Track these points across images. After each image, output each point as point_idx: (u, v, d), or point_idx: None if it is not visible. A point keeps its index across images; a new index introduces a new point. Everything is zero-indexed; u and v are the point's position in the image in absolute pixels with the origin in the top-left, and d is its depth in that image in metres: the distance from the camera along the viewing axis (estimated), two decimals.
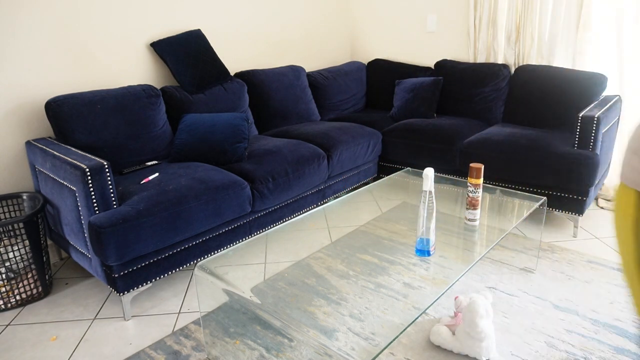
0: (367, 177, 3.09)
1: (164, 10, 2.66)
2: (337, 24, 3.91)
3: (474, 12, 3.20)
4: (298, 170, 2.41)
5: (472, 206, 1.79)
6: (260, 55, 3.31)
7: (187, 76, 2.62)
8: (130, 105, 2.30)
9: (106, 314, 1.92)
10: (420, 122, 3.00)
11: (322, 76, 3.46)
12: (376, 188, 2.24)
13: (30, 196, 2.12)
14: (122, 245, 1.73)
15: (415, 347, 1.62)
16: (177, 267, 1.99)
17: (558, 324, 1.74)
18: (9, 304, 1.95)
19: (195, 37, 2.71)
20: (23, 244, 1.94)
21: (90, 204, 1.75)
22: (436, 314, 1.81)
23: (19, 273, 1.95)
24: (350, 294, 1.45)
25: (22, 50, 2.14)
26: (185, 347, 1.68)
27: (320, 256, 1.68)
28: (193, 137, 2.37)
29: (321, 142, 2.71)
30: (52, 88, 2.27)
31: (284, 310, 1.38)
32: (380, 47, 3.88)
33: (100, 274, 1.86)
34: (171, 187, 1.95)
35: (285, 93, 3.11)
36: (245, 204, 2.15)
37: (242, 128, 2.43)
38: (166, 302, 1.99)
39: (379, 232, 1.84)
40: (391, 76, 3.59)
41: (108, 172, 1.78)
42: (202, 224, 1.98)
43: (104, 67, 2.46)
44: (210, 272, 1.49)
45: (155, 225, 1.81)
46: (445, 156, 2.78)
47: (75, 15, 2.29)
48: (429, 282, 1.48)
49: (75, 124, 2.12)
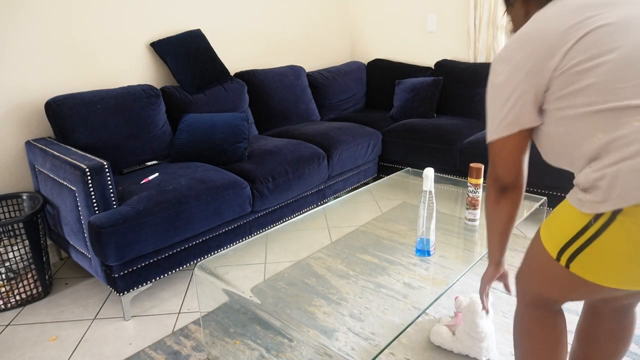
0: (367, 177, 3.09)
1: (164, 10, 2.66)
2: (337, 24, 3.91)
3: (474, 12, 3.20)
4: (298, 170, 2.41)
5: (472, 206, 1.79)
6: (260, 55, 3.31)
7: (187, 76, 2.62)
8: (130, 105, 2.30)
9: (106, 314, 1.92)
10: (420, 122, 3.00)
11: (322, 76, 3.46)
12: (376, 188, 2.24)
13: (30, 196, 2.12)
14: (122, 245, 1.73)
15: (415, 347, 1.62)
16: (177, 267, 1.99)
17: None
18: (9, 304, 1.95)
19: (195, 37, 2.71)
20: (23, 244, 1.94)
21: (90, 204, 1.75)
22: (436, 314, 1.81)
23: (19, 273, 1.95)
24: (350, 294, 1.45)
25: (22, 50, 2.14)
26: (185, 347, 1.68)
27: (320, 256, 1.68)
28: (193, 137, 2.37)
29: (321, 142, 2.71)
30: (52, 88, 2.27)
31: (284, 310, 1.38)
32: (380, 47, 3.88)
33: (100, 274, 1.86)
34: (171, 187, 1.95)
35: (285, 93, 3.11)
36: (245, 204, 2.15)
37: (242, 128, 2.43)
38: (166, 302, 1.98)
39: (379, 232, 1.84)
40: (391, 76, 3.59)
41: (108, 172, 1.78)
42: (202, 224, 1.98)
43: (104, 67, 2.46)
44: (210, 272, 1.49)
45: (155, 225, 1.81)
46: (445, 156, 2.78)
47: (75, 15, 2.29)
48: (429, 282, 1.48)
49: (75, 124, 2.11)
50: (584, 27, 0.83)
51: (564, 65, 0.84)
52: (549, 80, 0.87)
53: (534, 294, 1.00)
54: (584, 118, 0.82)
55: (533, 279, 0.98)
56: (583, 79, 0.82)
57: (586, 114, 0.82)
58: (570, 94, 0.84)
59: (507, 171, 0.96)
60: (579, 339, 1.15)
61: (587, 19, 0.83)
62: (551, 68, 0.85)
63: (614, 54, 0.79)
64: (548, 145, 0.93)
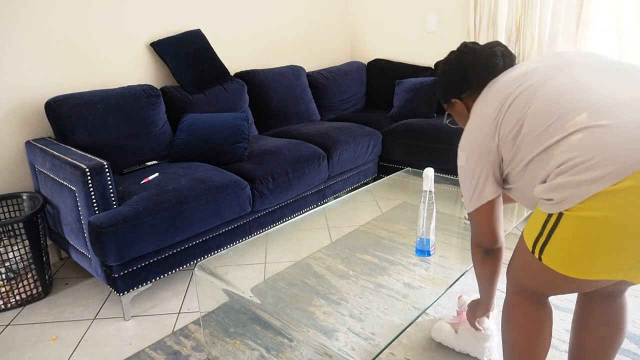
0: (367, 177, 3.09)
1: (164, 10, 2.66)
2: (337, 24, 3.91)
3: (474, 12, 3.20)
4: (298, 170, 2.41)
5: None
6: (260, 55, 3.31)
7: (187, 76, 2.62)
8: (130, 105, 2.30)
9: (106, 314, 1.92)
10: (420, 122, 3.00)
11: (322, 76, 3.46)
12: (376, 188, 2.24)
13: (30, 196, 2.12)
14: (122, 245, 1.73)
15: (415, 347, 1.62)
16: (177, 267, 1.99)
17: (558, 323, 1.74)
18: (8, 304, 1.95)
19: (195, 37, 2.71)
20: (23, 244, 1.94)
21: (90, 204, 1.75)
22: (436, 314, 1.81)
23: (19, 273, 1.95)
24: (350, 294, 1.45)
25: (22, 50, 2.14)
26: (185, 347, 1.68)
27: (320, 256, 1.68)
28: (193, 137, 2.37)
29: (321, 142, 2.71)
30: (52, 88, 2.27)
31: (284, 310, 1.38)
32: (380, 47, 3.88)
33: (100, 274, 1.86)
34: (171, 187, 1.95)
35: (285, 93, 3.11)
36: (245, 204, 2.15)
37: (242, 128, 2.43)
38: (166, 302, 1.98)
39: (379, 232, 1.84)
40: (391, 76, 3.59)
41: (108, 172, 1.78)
42: (202, 224, 1.98)
43: (104, 67, 2.46)
44: (210, 272, 1.49)
45: (155, 225, 1.81)
46: (445, 156, 2.78)
47: (75, 15, 2.29)
48: (429, 282, 1.48)
49: (75, 124, 2.11)
50: (507, 102, 1.02)
51: (501, 137, 1.04)
52: (497, 153, 1.07)
53: (520, 285, 1.09)
54: (529, 167, 1.00)
55: (518, 270, 1.08)
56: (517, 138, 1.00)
57: (529, 164, 0.99)
58: (514, 155, 1.02)
59: (487, 239, 1.16)
60: (575, 326, 1.24)
61: (509, 95, 1.03)
62: (495, 145, 1.06)
63: (530, 107, 0.97)
64: (517, 197, 1.12)
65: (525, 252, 1.03)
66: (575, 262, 0.90)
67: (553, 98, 0.94)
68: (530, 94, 0.98)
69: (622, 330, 1.17)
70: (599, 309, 1.17)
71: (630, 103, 0.86)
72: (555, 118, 0.92)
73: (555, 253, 0.93)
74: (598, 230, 0.85)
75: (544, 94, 0.96)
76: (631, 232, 0.82)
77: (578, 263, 0.90)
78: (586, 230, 0.86)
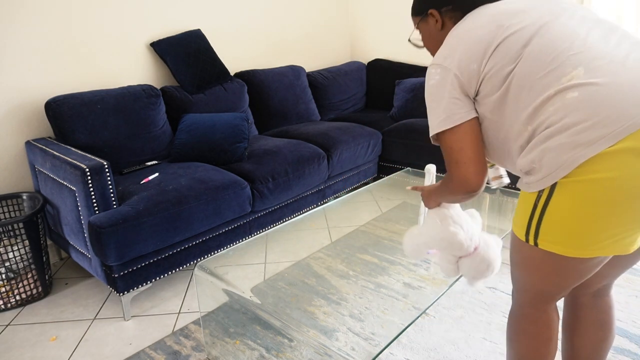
0: (367, 177, 3.09)
1: (164, 10, 2.66)
2: (337, 24, 3.91)
3: None
4: (298, 170, 2.41)
5: None
6: (260, 55, 3.31)
7: (187, 76, 2.62)
8: (130, 105, 2.30)
9: (106, 314, 1.92)
10: (420, 122, 3.00)
11: (322, 76, 3.46)
12: (376, 188, 2.24)
13: (30, 196, 2.12)
14: (122, 245, 1.73)
15: (415, 347, 1.62)
16: (177, 267, 1.99)
17: None
18: (9, 304, 1.95)
19: (195, 37, 2.71)
20: (23, 244, 1.94)
21: (90, 204, 1.75)
22: (436, 314, 1.81)
23: (19, 273, 1.95)
24: (350, 294, 1.45)
25: (22, 50, 2.14)
26: (185, 347, 1.68)
27: (320, 256, 1.68)
28: (193, 137, 2.37)
29: (321, 142, 2.71)
30: (52, 88, 2.27)
31: (284, 310, 1.38)
32: (380, 47, 3.88)
33: (100, 274, 1.86)
34: (171, 187, 1.95)
35: (285, 93, 3.11)
36: (245, 204, 2.15)
37: (242, 128, 2.43)
38: (166, 302, 1.98)
39: (379, 232, 1.84)
40: (391, 76, 3.59)
41: (108, 172, 1.78)
42: (202, 224, 1.98)
43: (103, 67, 2.46)
44: (210, 272, 1.49)
45: (155, 225, 1.81)
46: None
47: (75, 15, 2.29)
48: (429, 282, 1.48)
49: (75, 124, 2.12)
50: (502, 34, 0.94)
51: (488, 69, 0.95)
52: (477, 83, 0.98)
53: (526, 292, 1.05)
54: (514, 119, 0.94)
55: (519, 274, 1.04)
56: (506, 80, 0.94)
57: (515, 116, 0.93)
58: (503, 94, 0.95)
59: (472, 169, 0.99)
60: (565, 333, 1.21)
61: (505, 28, 0.94)
62: (475, 71, 0.97)
63: (527, 48, 0.91)
64: (487, 142, 1.04)
65: (519, 247, 0.99)
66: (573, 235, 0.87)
67: (551, 44, 0.90)
68: (529, 35, 0.92)
69: (613, 330, 1.16)
70: (587, 312, 1.15)
71: (627, 63, 0.85)
72: (553, 67, 0.88)
73: (552, 232, 0.90)
74: (600, 193, 0.82)
75: (543, 38, 0.91)
76: (633, 193, 0.80)
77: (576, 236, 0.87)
78: (586, 194, 0.83)
